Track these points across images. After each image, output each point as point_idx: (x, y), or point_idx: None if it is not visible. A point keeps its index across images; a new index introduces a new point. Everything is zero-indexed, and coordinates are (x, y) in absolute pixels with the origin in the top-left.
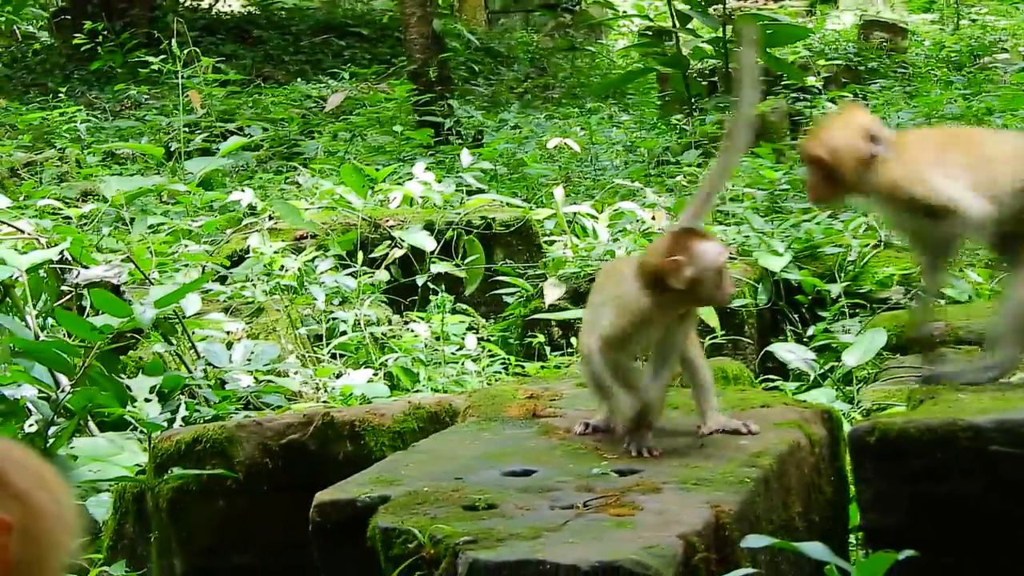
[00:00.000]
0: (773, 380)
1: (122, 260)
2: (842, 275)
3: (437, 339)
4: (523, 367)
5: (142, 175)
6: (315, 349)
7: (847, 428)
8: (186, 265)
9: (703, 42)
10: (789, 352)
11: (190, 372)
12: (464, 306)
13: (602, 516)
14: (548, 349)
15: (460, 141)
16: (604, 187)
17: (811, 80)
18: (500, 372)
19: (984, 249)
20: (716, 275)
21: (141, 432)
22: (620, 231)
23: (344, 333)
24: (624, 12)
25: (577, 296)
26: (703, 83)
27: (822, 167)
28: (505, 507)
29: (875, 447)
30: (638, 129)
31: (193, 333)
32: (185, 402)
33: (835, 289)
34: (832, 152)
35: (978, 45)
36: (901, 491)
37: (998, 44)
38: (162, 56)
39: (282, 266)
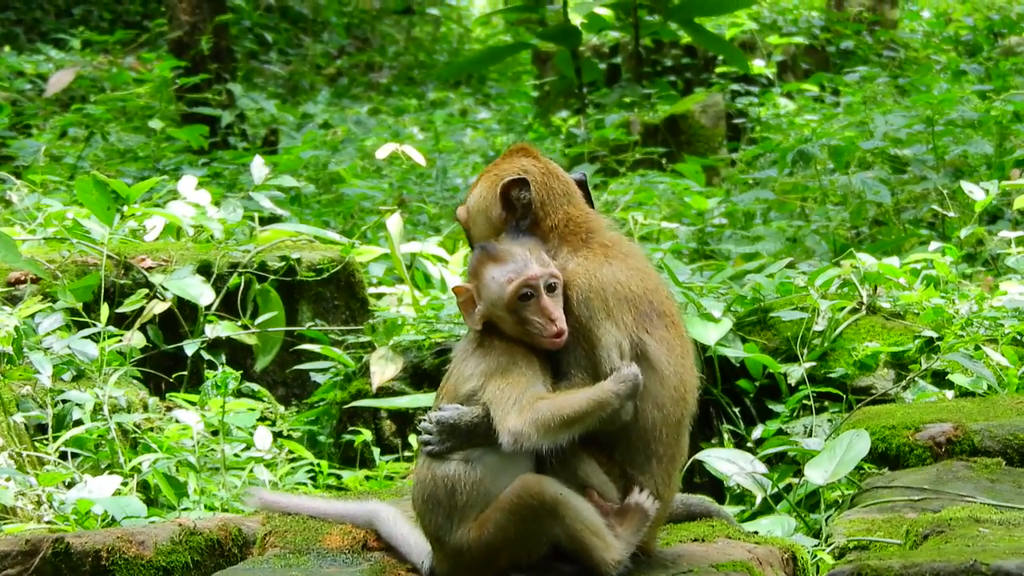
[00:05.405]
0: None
1: None
2: (805, 351)
3: (214, 434)
4: (340, 477)
5: None
6: (37, 445)
7: (817, 574)
8: None
9: (602, 6)
10: (727, 461)
11: None
12: (255, 387)
13: None
14: (377, 452)
15: (246, 144)
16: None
17: (759, 66)
18: (306, 484)
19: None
20: (512, 312)
21: None
22: None
23: (79, 423)
24: None
25: (419, 376)
26: (601, 66)
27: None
28: None
29: None
30: (504, 132)
31: None
32: None
33: (795, 372)
34: (469, 215)
35: (1000, 19)
36: None
37: None
38: None
39: None
